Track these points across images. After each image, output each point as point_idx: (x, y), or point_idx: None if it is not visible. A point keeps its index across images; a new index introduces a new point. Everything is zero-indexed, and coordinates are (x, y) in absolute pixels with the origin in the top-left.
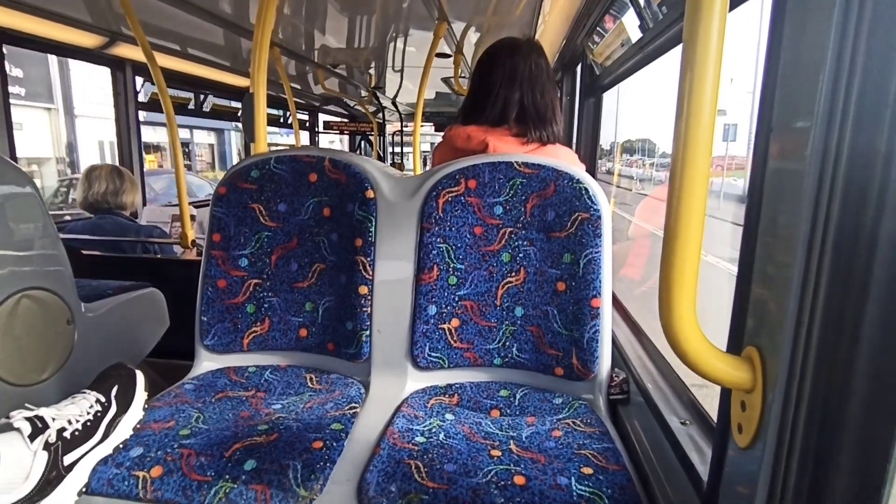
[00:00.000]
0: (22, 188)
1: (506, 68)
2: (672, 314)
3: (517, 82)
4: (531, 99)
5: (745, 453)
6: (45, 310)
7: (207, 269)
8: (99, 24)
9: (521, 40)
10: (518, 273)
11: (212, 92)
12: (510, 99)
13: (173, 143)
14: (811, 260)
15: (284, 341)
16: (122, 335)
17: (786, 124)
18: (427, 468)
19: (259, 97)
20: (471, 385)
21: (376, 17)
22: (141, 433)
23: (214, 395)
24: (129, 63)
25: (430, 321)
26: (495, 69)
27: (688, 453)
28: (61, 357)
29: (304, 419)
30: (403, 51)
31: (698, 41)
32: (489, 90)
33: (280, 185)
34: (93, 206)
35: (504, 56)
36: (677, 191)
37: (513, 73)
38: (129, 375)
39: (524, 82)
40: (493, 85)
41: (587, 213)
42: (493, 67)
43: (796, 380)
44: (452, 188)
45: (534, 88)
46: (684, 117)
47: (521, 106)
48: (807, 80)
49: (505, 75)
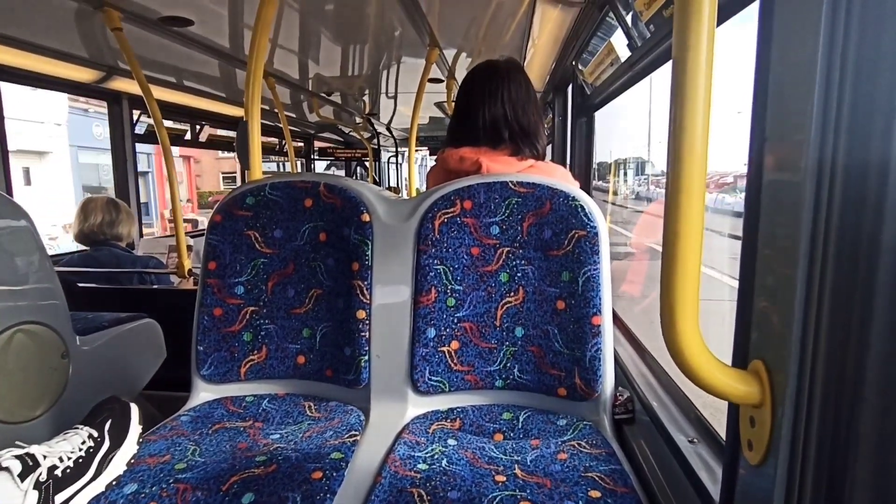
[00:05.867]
0: (17, 222)
1: (486, 89)
2: (674, 329)
3: (499, 100)
4: (514, 116)
5: (756, 471)
6: (40, 344)
7: (203, 297)
8: (95, 59)
9: (499, 61)
10: (517, 293)
11: (207, 122)
12: (496, 117)
13: (169, 173)
14: (814, 270)
15: (282, 369)
16: (117, 368)
17: (780, 136)
18: (430, 496)
19: (253, 125)
20: (472, 409)
21: (369, 45)
22: (135, 468)
23: (211, 427)
24: (125, 96)
25: (429, 344)
26: (475, 91)
27: (697, 472)
28: (55, 392)
29: (303, 449)
30: (397, 77)
31: (688, 57)
32: (473, 111)
33: (275, 212)
34: (88, 237)
35: (484, 77)
36: (674, 205)
37: (494, 93)
38: (122, 409)
39: (506, 101)
40: (476, 106)
41: (584, 231)
42: (473, 89)
43: (806, 392)
44: (448, 209)
45: (515, 106)
46: (677, 135)
47: (507, 123)
48: (798, 90)
49: (486, 96)
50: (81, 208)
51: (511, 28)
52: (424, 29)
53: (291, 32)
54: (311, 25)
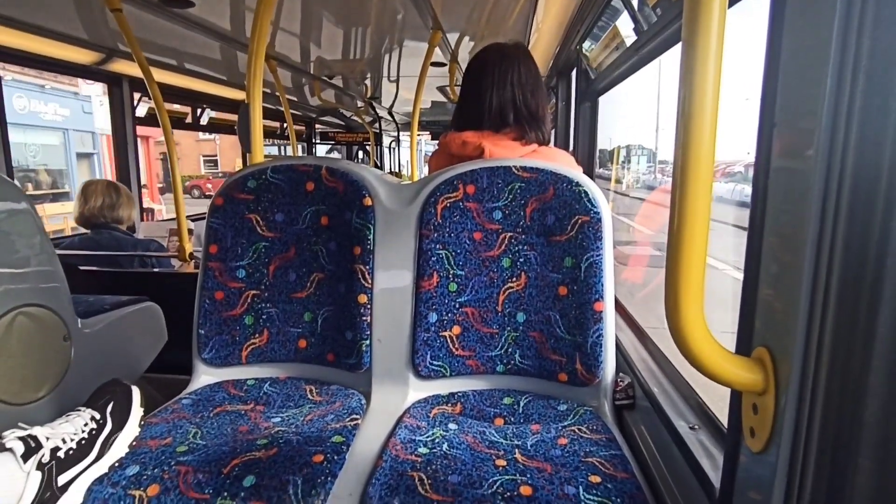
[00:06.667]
0: (17, 204)
1: (496, 72)
2: (679, 316)
3: (508, 84)
4: (523, 100)
5: (758, 458)
6: (42, 327)
7: (204, 281)
8: (95, 40)
9: (508, 45)
10: (519, 278)
11: (209, 105)
12: (504, 101)
13: (171, 156)
14: (821, 258)
15: (283, 353)
16: (119, 351)
17: (789, 122)
18: (431, 480)
19: (255, 108)
20: (473, 393)
21: (371, 28)
22: (137, 450)
23: (213, 410)
24: (125, 79)
25: (430, 329)
26: (485, 74)
27: (698, 459)
28: (58, 374)
29: (304, 432)
30: (399, 61)
31: (698, 40)
32: (481, 94)
33: (277, 195)
34: (89, 220)
35: (493, 60)
36: (681, 193)
37: (503, 76)
38: (124, 392)
39: (515, 84)
40: (484, 89)
41: (587, 216)
42: (483, 72)
43: (810, 380)
44: (451, 194)
45: (524, 90)
46: (686, 119)
47: (515, 107)
48: (810, 76)
49: (496, 79)
50: (82, 191)
51: (515, 11)
52: (427, 12)
53: (293, 15)
54: (313, 8)
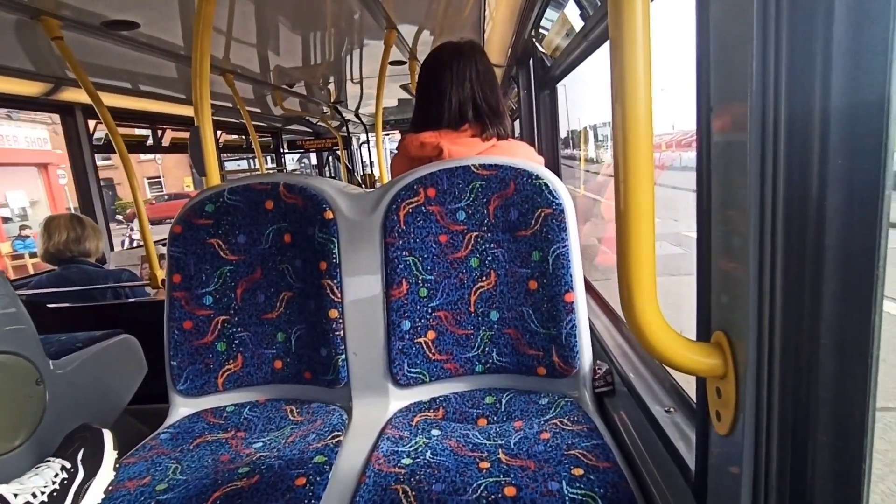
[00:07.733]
0: None
1: (454, 70)
2: (634, 307)
3: (467, 81)
4: (483, 96)
5: (726, 440)
6: (11, 373)
7: (171, 311)
8: (42, 70)
9: (463, 43)
10: (488, 277)
11: (170, 126)
12: (464, 98)
13: (131, 182)
14: (764, 236)
15: (260, 375)
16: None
17: (723, 103)
18: (415, 491)
19: (205, 129)
20: (455, 396)
21: (328, 32)
22: (114, 494)
23: (192, 442)
24: (78, 107)
25: (405, 337)
26: (443, 73)
27: (674, 442)
28: (33, 421)
29: (285, 455)
30: (361, 62)
31: (624, 34)
32: (441, 93)
33: (236, 217)
34: (55, 256)
35: (449, 59)
36: (623, 179)
37: (461, 74)
38: (95, 436)
39: (474, 81)
40: (444, 88)
41: (550, 209)
42: (440, 71)
43: (765, 361)
44: (412, 199)
45: (483, 86)
46: (621, 105)
47: (475, 104)
48: (737, 57)
49: (454, 77)
50: (44, 227)
51: (468, 5)
52: (380, 11)
53: (247, 26)
54: (266, 17)
